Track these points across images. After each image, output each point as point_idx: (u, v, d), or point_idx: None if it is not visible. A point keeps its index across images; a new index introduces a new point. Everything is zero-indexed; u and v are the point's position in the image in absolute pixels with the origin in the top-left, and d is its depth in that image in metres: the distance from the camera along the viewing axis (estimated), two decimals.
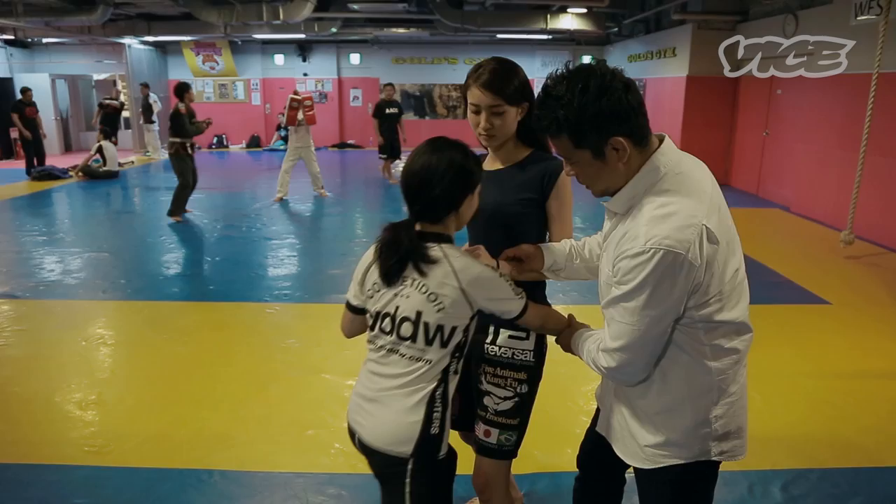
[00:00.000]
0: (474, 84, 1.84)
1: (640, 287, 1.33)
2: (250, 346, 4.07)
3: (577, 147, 1.39)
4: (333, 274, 5.64)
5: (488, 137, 1.88)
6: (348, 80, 16.14)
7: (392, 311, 1.63)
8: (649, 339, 1.39)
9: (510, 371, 1.85)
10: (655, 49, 11.73)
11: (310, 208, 8.64)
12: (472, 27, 11.90)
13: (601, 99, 1.33)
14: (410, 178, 1.63)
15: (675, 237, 1.31)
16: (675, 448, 1.50)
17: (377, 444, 1.62)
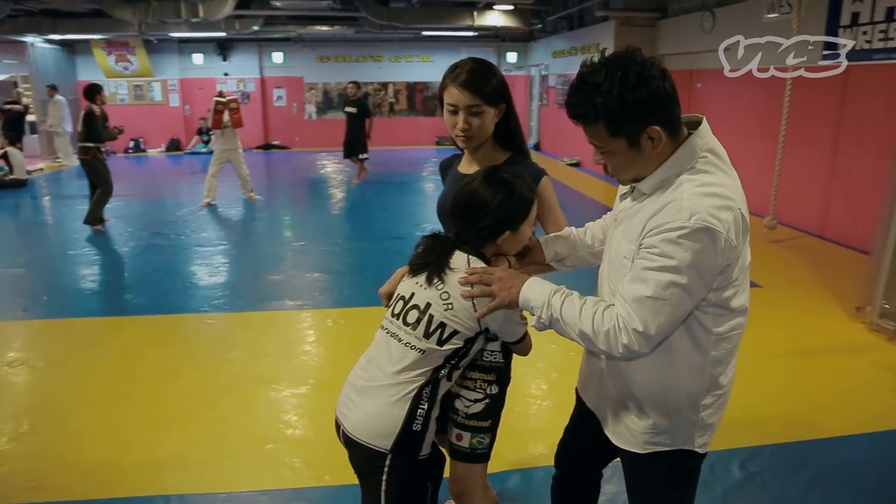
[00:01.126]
0: (452, 83, 1.81)
1: (681, 262, 1.31)
2: (194, 360, 3.88)
3: (612, 136, 1.37)
4: (272, 280, 5.47)
5: (466, 139, 1.85)
6: (271, 79, 15.72)
7: (407, 295, 1.68)
8: (676, 319, 1.38)
9: (480, 373, 1.83)
10: (580, 45, 11.98)
11: (240, 213, 8.36)
12: (398, 24, 11.83)
13: (640, 88, 1.31)
14: (457, 203, 1.69)
15: (717, 216, 1.31)
16: (665, 434, 1.53)
17: (359, 434, 1.63)
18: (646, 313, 1.34)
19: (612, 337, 1.38)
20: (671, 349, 1.45)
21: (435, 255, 1.64)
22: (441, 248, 1.65)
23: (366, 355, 1.74)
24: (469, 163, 1.98)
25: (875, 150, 5.95)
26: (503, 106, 1.86)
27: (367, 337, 4.23)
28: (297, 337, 4.30)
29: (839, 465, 2.80)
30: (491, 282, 1.54)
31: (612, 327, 1.38)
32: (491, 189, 1.64)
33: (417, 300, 1.64)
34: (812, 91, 6.44)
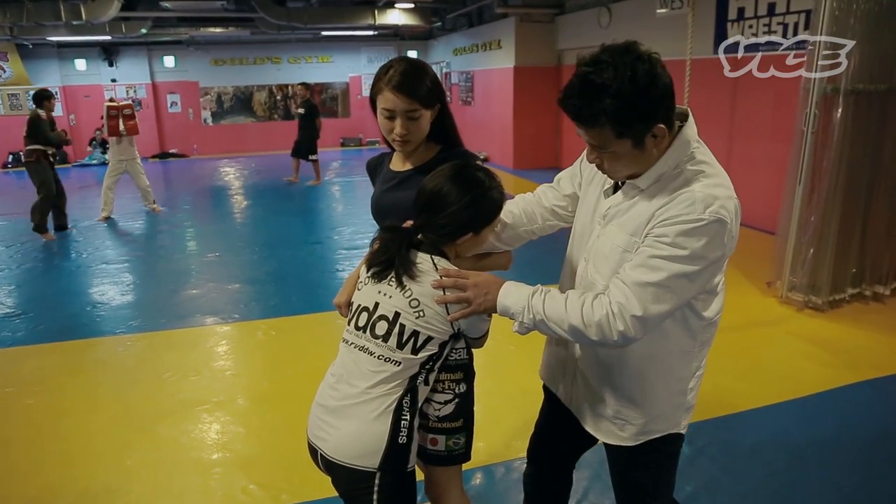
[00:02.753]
0: (387, 87, 1.74)
1: (693, 252, 1.31)
2: (118, 385, 3.62)
3: (618, 137, 1.31)
4: (191, 294, 5.20)
5: (403, 143, 1.80)
6: (164, 84, 14.93)
7: (371, 306, 1.60)
8: (674, 308, 1.37)
9: (447, 374, 1.77)
10: (480, 42, 12.15)
11: (143, 226, 7.89)
12: (298, 25, 11.54)
13: (652, 87, 1.27)
14: (422, 193, 1.62)
15: (726, 207, 1.33)
16: (658, 421, 1.56)
17: (341, 457, 1.54)
18: (647, 299, 1.33)
19: (606, 325, 1.35)
20: (665, 336, 1.47)
21: (395, 250, 1.55)
22: (399, 242, 1.57)
23: (332, 372, 1.66)
24: (401, 159, 1.93)
25: (766, 135, 6.39)
26: (438, 105, 1.82)
27: (302, 347, 4.14)
28: (227, 352, 4.11)
29: (775, 430, 2.99)
30: (465, 287, 1.50)
31: (606, 315, 1.35)
32: (461, 187, 1.58)
33: (384, 310, 1.57)
34: (708, 82, 6.83)
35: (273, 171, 12.52)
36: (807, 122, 4.22)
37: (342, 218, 8.46)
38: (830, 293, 4.44)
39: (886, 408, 3.26)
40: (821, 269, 4.40)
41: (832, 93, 4.14)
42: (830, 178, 4.24)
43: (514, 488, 2.62)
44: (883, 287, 4.64)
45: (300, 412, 3.17)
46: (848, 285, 4.54)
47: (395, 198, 1.87)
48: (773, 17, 6.06)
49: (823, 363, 3.67)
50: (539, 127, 11.12)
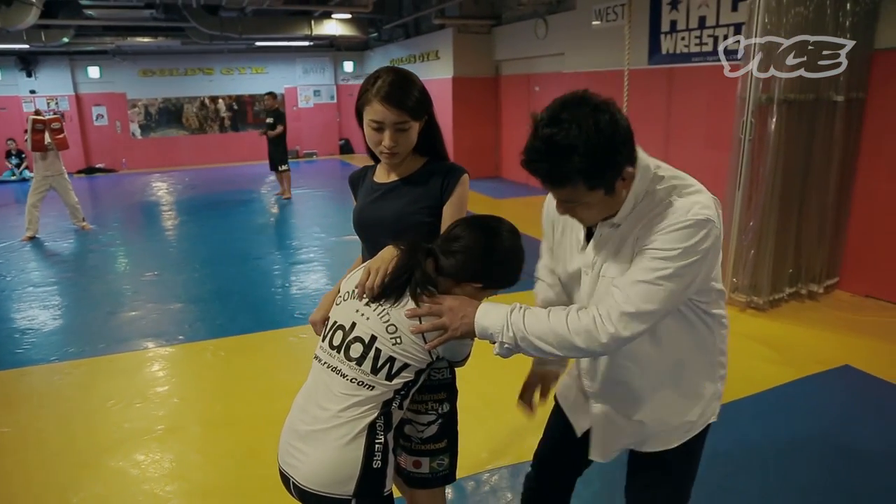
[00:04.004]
0: (375, 98, 1.68)
1: (683, 251, 1.31)
2: (57, 418, 3.40)
3: (590, 190, 1.31)
4: (131, 316, 4.96)
5: (391, 155, 1.74)
6: (88, 96, 14.28)
7: (347, 325, 1.55)
8: (665, 308, 1.35)
9: (429, 394, 1.74)
10: (418, 52, 12.18)
11: (73, 245, 7.50)
12: (231, 35, 11.27)
13: (615, 135, 1.27)
14: (449, 235, 1.56)
15: (707, 206, 1.35)
16: (698, 417, 1.58)
17: (314, 486, 1.47)
18: (638, 296, 1.32)
19: (594, 329, 1.34)
20: (690, 340, 1.51)
21: (403, 273, 1.51)
22: (411, 266, 1.51)
23: (303, 394, 1.60)
24: (386, 171, 1.87)
25: (699, 142, 6.62)
26: (426, 117, 1.78)
27: (254, 366, 4.02)
28: (174, 376, 3.93)
29: (729, 430, 3.06)
30: (441, 313, 1.46)
31: (593, 319, 1.34)
32: (511, 243, 1.55)
33: (360, 332, 1.51)
34: (644, 91, 7.04)
35: (208, 185, 12.17)
36: (744, 130, 4.39)
37: (286, 232, 8.29)
38: (770, 293, 4.63)
39: (831, 401, 3.41)
40: (761, 271, 4.58)
41: (767, 102, 4.32)
42: (767, 183, 4.43)
43: (483, 501, 2.59)
44: (817, 286, 4.87)
45: (258, 435, 3.09)
46: (786, 285, 4.75)
47: (379, 209, 1.82)
48: (704, 30, 6.30)
49: (770, 360, 3.81)
50: (478, 137, 11.22)
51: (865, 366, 3.72)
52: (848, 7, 4.40)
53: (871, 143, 4.76)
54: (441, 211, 1.77)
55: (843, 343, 4.07)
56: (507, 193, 9.72)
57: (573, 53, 8.57)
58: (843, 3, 4.39)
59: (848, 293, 5.00)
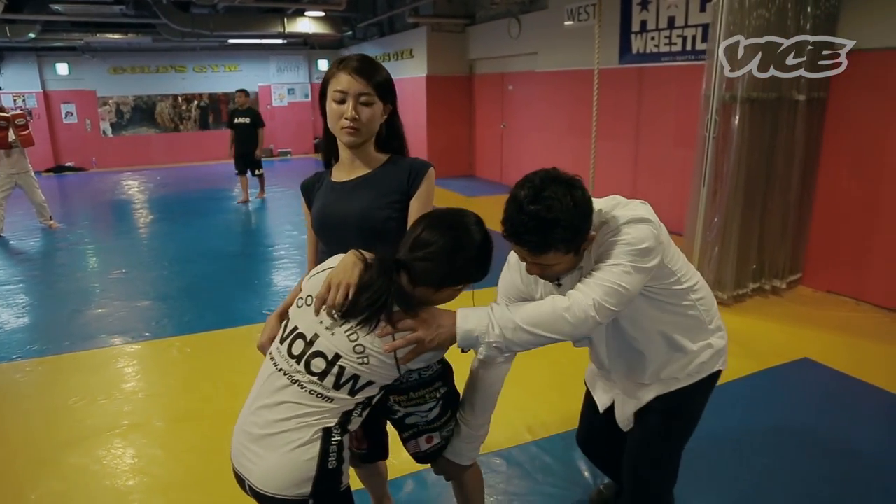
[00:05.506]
0: (341, 70, 1.68)
1: (634, 238, 1.51)
2: (17, 416, 3.35)
3: (565, 254, 1.50)
4: (97, 314, 4.90)
5: (353, 130, 1.69)
6: (57, 93, 14.02)
7: (309, 335, 1.49)
8: (626, 297, 1.52)
9: (423, 389, 1.72)
10: (392, 51, 12.17)
11: (40, 244, 7.37)
12: (203, 32, 11.15)
13: (587, 207, 1.48)
14: (417, 242, 1.50)
15: (639, 209, 1.57)
16: (699, 366, 1.83)
17: (269, 489, 1.45)
18: (607, 288, 1.49)
19: (580, 300, 1.48)
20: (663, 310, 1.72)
21: (377, 298, 1.43)
22: (385, 290, 1.45)
23: (256, 394, 1.55)
24: (346, 169, 1.81)
25: (669, 140, 6.72)
26: (389, 106, 1.77)
27: (221, 363, 3.99)
28: (139, 373, 3.89)
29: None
30: (415, 327, 1.46)
31: (574, 304, 1.47)
32: (482, 236, 1.54)
33: (322, 347, 1.46)
34: (615, 90, 7.13)
35: (181, 183, 12.05)
36: (708, 128, 4.47)
37: (258, 230, 8.23)
38: (734, 288, 4.72)
39: (788, 391, 3.49)
40: (725, 267, 4.66)
41: (730, 100, 4.40)
42: (731, 180, 4.50)
43: (445, 494, 2.61)
44: (780, 281, 4.97)
45: (222, 431, 3.04)
46: (749, 281, 4.84)
47: (343, 208, 1.77)
48: (673, 30, 6.39)
49: (731, 354, 3.79)
50: (453, 136, 11.25)
51: (824, 358, 3.81)
52: (809, 10, 4.50)
53: (832, 142, 4.87)
54: (408, 205, 1.75)
55: (803, 337, 4.16)
56: (480, 191, 9.76)
57: (546, 53, 8.65)
58: (804, 5, 4.49)
59: (810, 289, 5.10)
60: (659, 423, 1.88)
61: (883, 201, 4.59)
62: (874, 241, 4.67)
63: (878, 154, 4.57)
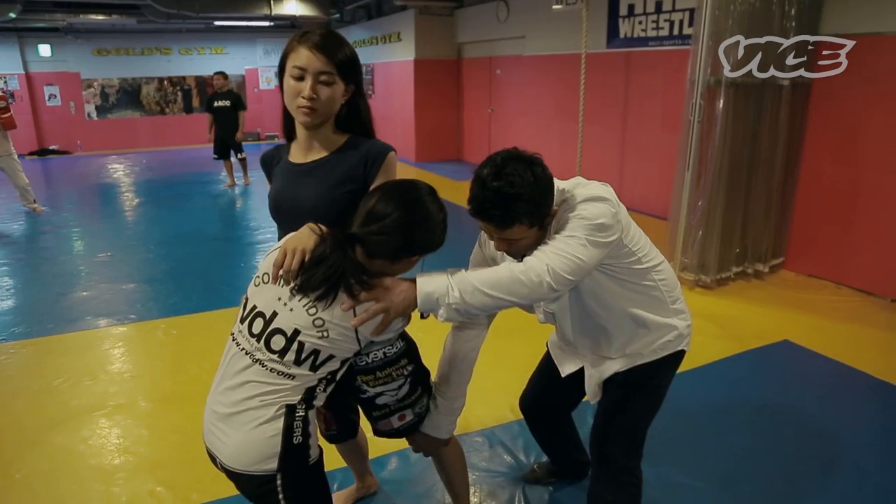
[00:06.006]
0: (301, 44, 1.57)
1: (590, 214, 1.58)
2: (4, 396, 3.35)
3: (530, 227, 1.59)
4: (82, 296, 4.88)
5: (309, 110, 1.60)
6: (39, 75, 13.82)
7: (268, 314, 1.49)
8: (584, 267, 1.57)
9: (390, 368, 1.69)
10: (380, 34, 12.09)
11: (23, 227, 7.31)
12: (189, 13, 11.01)
13: (547, 182, 1.58)
14: (370, 215, 1.49)
15: (598, 188, 1.66)
16: (662, 342, 1.87)
17: (237, 466, 1.48)
18: (562, 257, 1.54)
19: (535, 265, 1.51)
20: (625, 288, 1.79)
21: (332, 272, 1.42)
22: (339, 264, 1.43)
23: (220, 373, 1.56)
24: (305, 149, 1.72)
25: (656, 124, 6.75)
26: (352, 87, 1.66)
27: (206, 344, 4.01)
28: (125, 354, 3.89)
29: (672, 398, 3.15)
30: (378, 297, 1.46)
31: (529, 268, 1.51)
32: (436, 207, 1.54)
33: (281, 324, 1.46)
34: (602, 74, 7.13)
35: (166, 167, 11.95)
36: (693, 112, 4.49)
37: (242, 213, 8.20)
38: (718, 272, 4.77)
39: (768, 373, 3.55)
40: (709, 250, 4.71)
41: (715, 85, 4.43)
42: (715, 164, 4.54)
43: (427, 471, 2.64)
44: (763, 265, 5.03)
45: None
46: (733, 264, 4.89)
47: (295, 194, 1.71)
48: (661, 14, 6.40)
49: (714, 336, 3.93)
50: (440, 119, 11.22)
51: (803, 341, 3.87)
52: None
53: (815, 127, 4.92)
54: (363, 192, 1.63)
55: (784, 319, 4.22)
56: (468, 176, 9.71)
57: (534, 36, 8.62)
58: None
59: (793, 273, 5.17)
60: (621, 397, 1.94)
61: (864, 187, 4.64)
62: (855, 226, 4.74)
63: (861, 140, 4.62)
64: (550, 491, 2.53)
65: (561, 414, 2.33)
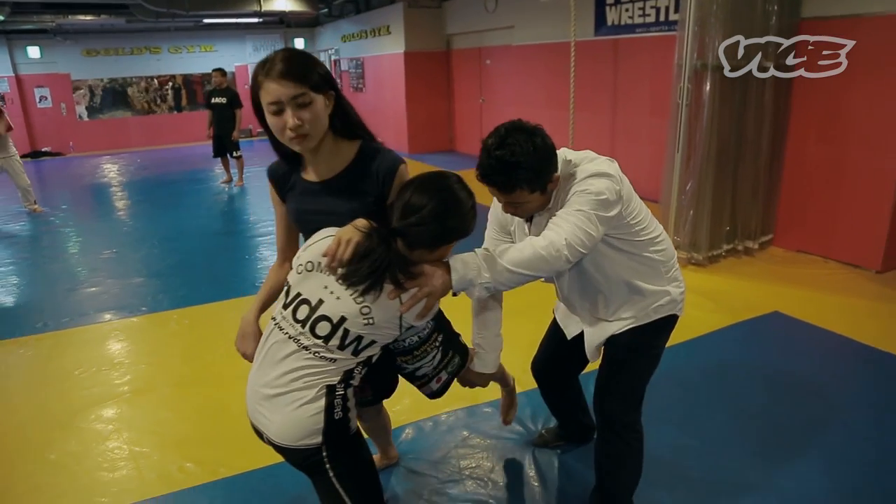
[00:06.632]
0: (266, 78, 1.55)
1: (593, 192, 1.72)
2: (27, 387, 3.48)
3: (531, 193, 1.75)
4: (92, 292, 5.00)
5: (301, 138, 1.59)
6: (29, 77, 13.81)
7: (313, 301, 1.57)
8: (593, 238, 1.72)
9: (424, 346, 1.84)
10: (369, 28, 12.17)
11: (27, 227, 7.40)
12: (179, 12, 11.05)
13: (547, 150, 1.73)
14: (407, 208, 1.56)
15: (603, 164, 1.81)
16: (656, 307, 2.02)
17: (284, 441, 1.59)
18: (574, 231, 1.68)
19: (562, 254, 1.65)
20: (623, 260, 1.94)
21: (378, 265, 1.50)
22: (385, 257, 1.51)
23: (262, 356, 1.64)
24: (315, 168, 1.73)
25: (645, 110, 6.90)
26: (331, 93, 1.63)
27: (219, 332, 4.12)
28: (141, 343, 4.02)
29: (669, 367, 3.30)
30: (422, 284, 1.56)
31: (549, 244, 1.65)
32: (465, 194, 1.63)
33: (328, 311, 1.54)
34: (591, 62, 7.27)
35: (161, 165, 12.02)
36: (681, 95, 4.65)
37: (243, 209, 8.31)
38: (709, 249, 4.94)
39: (759, 341, 3.73)
40: (700, 229, 4.88)
41: (702, 69, 4.58)
42: (703, 146, 4.70)
43: (442, 440, 2.80)
44: (752, 242, 5.21)
45: (226, 392, 3.25)
46: (723, 242, 5.06)
47: (328, 208, 1.71)
48: (647, 2, 6.54)
49: (707, 310, 4.10)
50: (432, 111, 11.34)
51: (793, 311, 4.05)
52: None
53: (799, 108, 5.08)
54: (379, 204, 1.71)
55: (774, 292, 4.39)
56: (461, 166, 9.88)
57: (522, 26, 8.75)
58: None
59: (781, 249, 5.35)
60: (619, 358, 2.09)
61: (848, 165, 4.81)
62: (840, 202, 4.91)
63: (844, 119, 4.79)
64: (558, 453, 2.69)
65: (569, 376, 2.49)
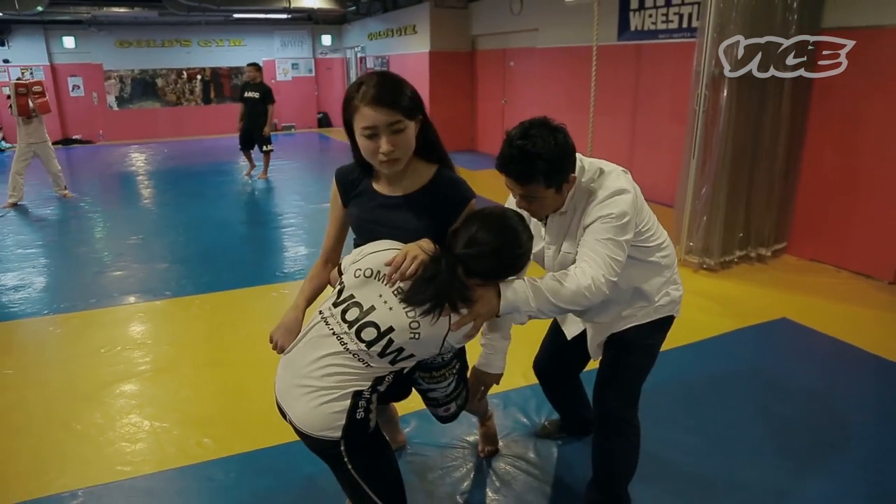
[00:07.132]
0: (363, 103, 1.59)
1: (617, 213, 1.81)
2: (56, 361, 3.65)
3: (546, 188, 1.79)
4: (118, 275, 5.18)
5: (392, 162, 1.64)
6: (64, 66, 14.18)
7: (365, 306, 1.61)
8: (622, 261, 1.82)
9: (444, 368, 1.92)
10: (395, 27, 12.31)
11: (56, 212, 7.64)
12: (209, 6, 11.29)
13: (567, 148, 1.78)
14: (472, 241, 1.63)
15: (621, 180, 1.88)
16: (655, 307, 2.11)
17: (306, 428, 1.63)
18: (609, 263, 1.78)
19: (599, 289, 1.75)
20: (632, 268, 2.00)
21: (443, 291, 1.57)
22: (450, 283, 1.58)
23: (305, 344, 1.68)
24: (389, 182, 1.78)
25: (665, 115, 6.94)
26: (420, 117, 1.69)
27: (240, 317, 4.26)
28: (164, 325, 4.18)
29: (675, 369, 3.41)
30: (473, 307, 1.65)
31: (592, 283, 1.74)
32: (526, 236, 1.72)
33: (378, 319, 1.58)
34: (613, 66, 7.33)
35: (187, 156, 12.27)
36: (698, 102, 4.71)
37: (267, 200, 8.48)
38: (721, 255, 4.99)
39: (766, 346, 3.78)
40: (713, 235, 4.93)
41: (719, 76, 4.63)
42: (719, 152, 4.75)
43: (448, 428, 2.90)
44: (765, 249, 5.24)
45: (246, 375, 3.38)
46: (736, 248, 5.11)
47: (396, 223, 1.76)
48: (670, 8, 6.59)
49: (715, 314, 4.16)
50: (455, 111, 11.45)
51: (802, 319, 4.09)
52: None
53: (817, 118, 5.10)
54: (443, 230, 1.75)
55: (783, 299, 4.43)
56: (482, 165, 9.99)
57: (546, 29, 8.82)
58: None
59: (795, 257, 5.37)
60: (619, 356, 2.17)
61: (864, 175, 4.83)
62: (855, 212, 4.93)
63: (862, 130, 4.81)
64: (559, 444, 2.78)
65: (570, 374, 2.59)
